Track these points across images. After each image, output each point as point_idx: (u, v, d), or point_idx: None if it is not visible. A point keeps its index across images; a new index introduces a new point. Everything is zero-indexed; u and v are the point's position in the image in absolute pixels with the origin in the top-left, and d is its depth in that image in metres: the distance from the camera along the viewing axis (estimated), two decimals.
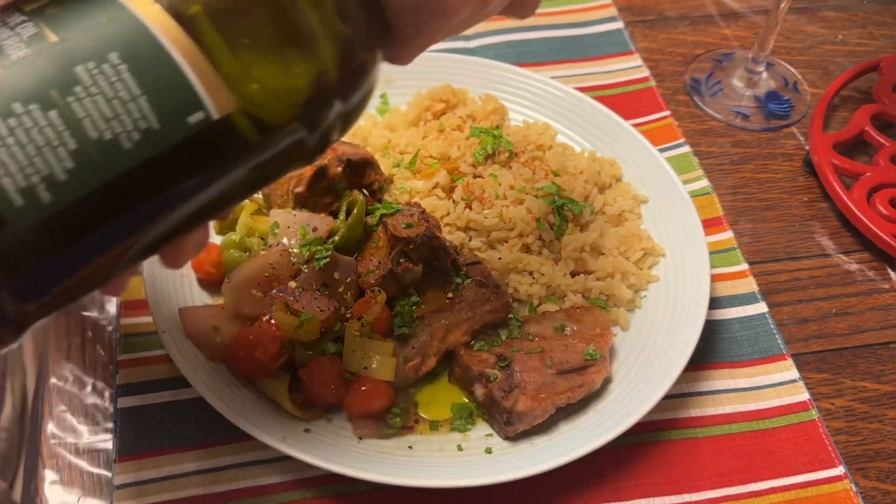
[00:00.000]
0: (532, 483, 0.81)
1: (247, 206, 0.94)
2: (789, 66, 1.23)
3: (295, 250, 0.85)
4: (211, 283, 0.90)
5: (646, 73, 1.19)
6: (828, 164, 1.06)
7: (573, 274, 0.92)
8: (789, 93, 1.20)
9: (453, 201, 0.96)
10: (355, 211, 0.88)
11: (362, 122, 1.07)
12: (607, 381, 0.85)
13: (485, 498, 0.80)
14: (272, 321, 0.81)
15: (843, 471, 0.83)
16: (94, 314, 0.93)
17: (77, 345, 0.91)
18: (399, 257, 0.85)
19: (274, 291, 0.83)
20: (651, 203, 0.99)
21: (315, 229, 0.86)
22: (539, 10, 1.24)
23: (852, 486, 0.82)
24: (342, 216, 0.89)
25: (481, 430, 0.83)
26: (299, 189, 0.90)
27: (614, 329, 0.90)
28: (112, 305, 0.93)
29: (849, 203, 1.03)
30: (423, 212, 0.89)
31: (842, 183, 1.05)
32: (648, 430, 0.85)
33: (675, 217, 0.96)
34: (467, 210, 0.94)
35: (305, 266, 0.84)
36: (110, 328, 0.91)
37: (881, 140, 1.09)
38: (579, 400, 0.83)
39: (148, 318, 0.89)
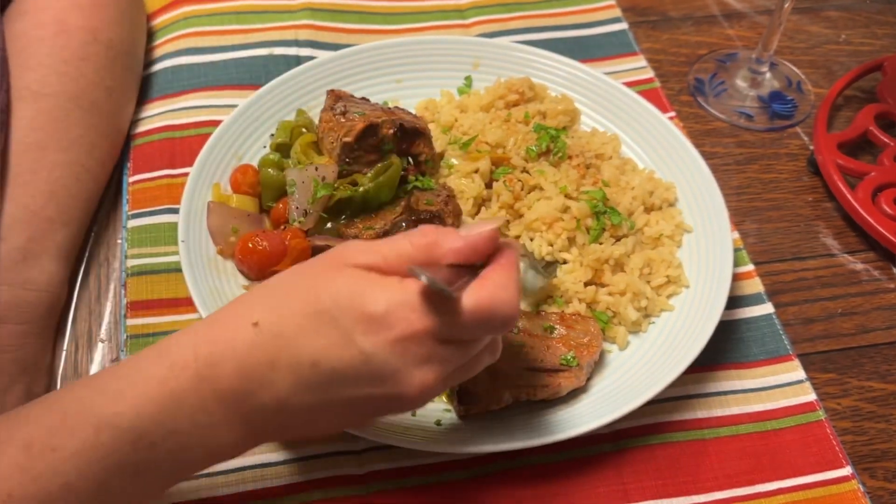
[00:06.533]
0: (535, 483, 0.81)
1: (306, 135, 0.97)
2: (793, 66, 1.23)
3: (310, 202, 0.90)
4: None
5: (650, 73, 1.19)
6: (832, 164, 1.06)
7: (586, 283, 0.91)
8: (793, 93, 1.20)
9: (496, 193, 0.96)
10: (388, 172, 0.91)
11: (438, 98, 1.10)
12: (579, 391, 0.84)
13: (490, 494, 0.80)
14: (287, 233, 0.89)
15: (851, 471, 0.83)
16: (101, 317, 0.93)
17: (84, 346, 0.91)
18: (401, 225, 0.89)
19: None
20: (694, 235, 0.96)
21: (324, 178, 0.91)
22: (543, 11, 1.26)
23: (860, 486, 0.82)
24: (371, 174, 0.92)
25: (445, 404, 0.84)
26: (348, 139, 0.92)
27: (610, 346, 0.89)
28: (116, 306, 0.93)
29: (854, 203, 1.03)
30: (450, 196, 0.92)
31: (846, 183, 1.05)
32: (655, 431, 0.85)
33: (711, 256, 0.93)
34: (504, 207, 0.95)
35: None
36: (116, 328, 0.91)
37: (885, 139, 1.09)
38: (540, 400, 0.83)
39: (154, 319, 0.90)
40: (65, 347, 0.91)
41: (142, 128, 1.07)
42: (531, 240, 0.92)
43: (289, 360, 0.61)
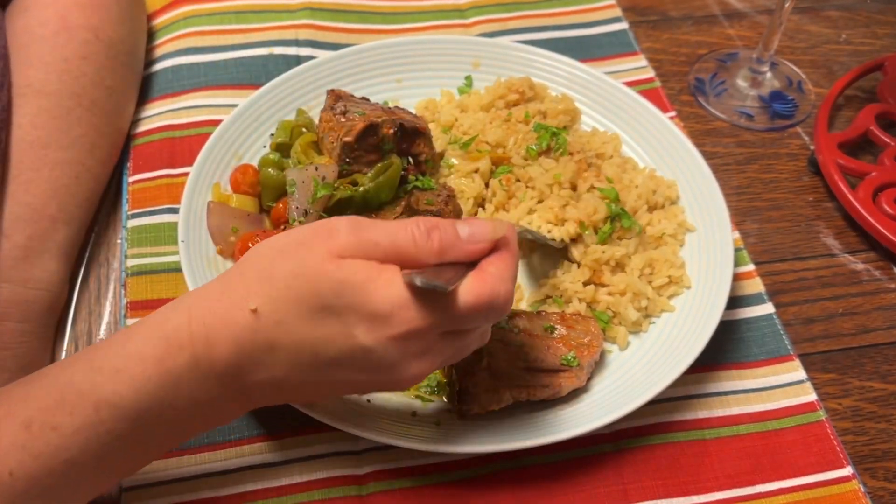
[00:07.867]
0: (535, 483, 0.81)
1: (306, 135, 0.98)
2: (793, 66, 1.23)
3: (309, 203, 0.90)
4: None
5: (651, 73, 1.19)
6: (833, 164, 1.06)
7: (586, 283, 0.91)
8: (793, 92, 1.20)
9: (491, 191, 0.96)
10: (388, 172, 0.91)
11: (438, 98, 1.10)
12: (579, 391, 0.84)
13: (490, 494, 0.80)
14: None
15: (852, 471, 0.83)
16: (103, 316, 0.93)
17: (83, 346, 0.91)
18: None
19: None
20: (695, 235, 0.96)
21: (324, 178, 0.91)
22: (543, 11, 1.26)
23: (860, 486, 0.82)
24: (371, 174, 0.92)
25: (445, 404, 0.84)
26: (348, 138, 0.92)
27: (610, 346, 0.89)
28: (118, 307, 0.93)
29: (854, 202, 1.03)
30: (451, 196, 0.92)
31: (847, 182, 1.05)
32: (656, 431, 0.85)
33: (711, 256, 0.92)
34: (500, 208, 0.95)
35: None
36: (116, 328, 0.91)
37: (886, 139, 1.09)
38: (541, 401, 0.83)
39: None
40: (65, 347, 0.91)
41: (142, 127, 1.07)
42: (529, 223, 0.92)
43: (288, 346, 0.63)
